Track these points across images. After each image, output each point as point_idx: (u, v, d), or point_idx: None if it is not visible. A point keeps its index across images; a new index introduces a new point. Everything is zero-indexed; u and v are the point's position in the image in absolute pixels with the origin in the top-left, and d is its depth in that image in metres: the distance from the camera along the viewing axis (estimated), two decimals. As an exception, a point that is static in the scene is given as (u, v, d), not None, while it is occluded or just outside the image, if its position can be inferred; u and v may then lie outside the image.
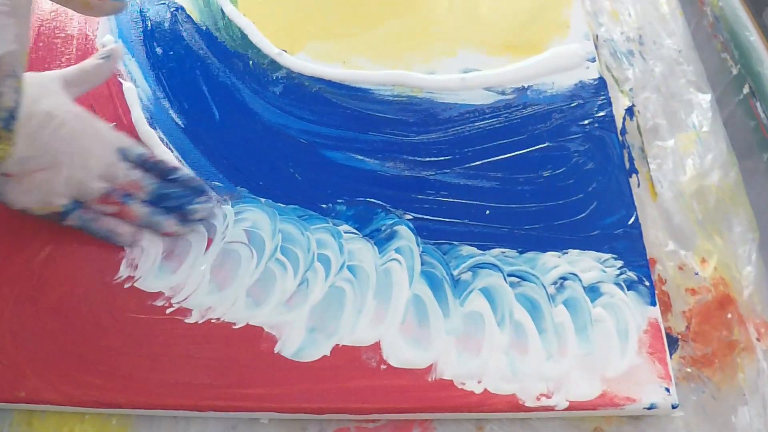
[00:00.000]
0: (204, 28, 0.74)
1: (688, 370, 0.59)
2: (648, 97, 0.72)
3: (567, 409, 0.55)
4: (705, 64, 0.75)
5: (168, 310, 0.58)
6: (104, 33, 0.73)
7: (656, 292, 0.61)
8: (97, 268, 0.60)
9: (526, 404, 0.55)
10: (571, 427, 0.57)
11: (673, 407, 0.56)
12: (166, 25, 0.74)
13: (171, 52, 0.72)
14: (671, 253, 0.64)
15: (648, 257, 0.63)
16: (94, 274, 0.60)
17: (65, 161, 0.54)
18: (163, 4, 0.75)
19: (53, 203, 0.55)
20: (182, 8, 0.76)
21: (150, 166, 0.60)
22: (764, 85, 0.68)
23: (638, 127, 0.70)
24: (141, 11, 0.75)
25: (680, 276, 0.63)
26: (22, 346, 0.57)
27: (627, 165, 0.67)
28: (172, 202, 0.60)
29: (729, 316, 0.61)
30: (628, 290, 0.60)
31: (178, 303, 0.59)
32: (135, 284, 0.60)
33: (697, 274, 0.63)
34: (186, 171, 0.63)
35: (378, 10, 0.77)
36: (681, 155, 0.69)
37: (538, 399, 0.55)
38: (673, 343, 0.59)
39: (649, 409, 0.56)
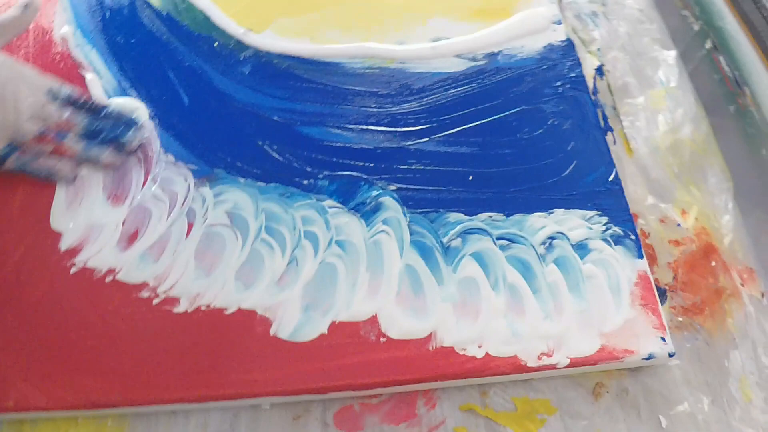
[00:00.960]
0: (164, 13, 0.72)
1: (680, 319, 0.59)
2: (616, 56, 0.72)
3: (568, 366, 0.55)
4: (666, 22, 0.75)
5: (155, 301, 0.56)
6: (61, 24, 0.70)
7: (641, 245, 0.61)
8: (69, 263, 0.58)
9: (528, 364, 0.55)
10: (573, 384, 0.57)
11: (670, 356, 0.56)
12: (126, 12, 0.71)
13: (133, 40, 0.69)
14: (652, 207, 0.64)
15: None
16: (73, 272, 0.57)
17: None
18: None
19: None
20: (138, -8, 0.72)
21: (80, 104, 0.60)
22: (726, 40, 0.68)
23: (609, 86, 0.70)
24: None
25: (663, 229, 0.63)
26: (6, 353, 0.54)
27: (602, 123, 0.66)
28: (106, 134, 0.60)
29: (713, 264, 0.61)
30: (615, 245, 0.60)
31: (164, 292, 0.56)
32: (117, 277, 0.57)
33: (679, 225, 0.63)
34: (116, 105, 0.63)
35: None
36: (652, 111, 0.69)
37: (539, 358, 0.55)
38: (661, 294, 0.60)
39: (647, 359, 0.56)
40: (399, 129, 0.65)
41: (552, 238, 0.60)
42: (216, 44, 0.69)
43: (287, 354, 0.54)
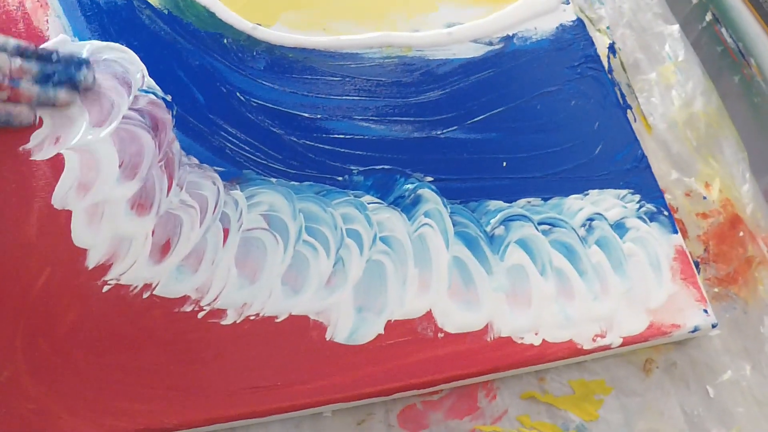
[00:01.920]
0: (165, 11, 0.67)
1: (716, 290, 0.60)
2: (623, 33, 0.72)
3: (621, 345, 0.55)
4: (665, -2, 0.75)
5: (200, 315, 0.53)
6: (56, 32, 0.65)
7: (672, 220, 0.61)
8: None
9: (584, 347, 0.55)
10: (624, 362, 0.58)
11: (713, 327, 0.57)
12: (123, 14, 0.66)
13: (135, 43, 0.64)
14: (676, 181, 0.64)
15: (658, 188, 0.63)
16: (106, 290, 0.54)
17: None
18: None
19: None
20: (135, -8, 0.68)
21: (29, 53, 0.59)
22: (728, 11, 0.69)
23: (622, 63, 0.70)
24: (93, 3, 0.67)
25: (689, 203, 0.64)
26: (47, 386, 0.50)
27: (620, 101, 0.66)
28: (59, 76, 0.59)
29: (741, 234, 0.62)
30: (651, 222, 0.61)
31: (209, 305, 0.53)
32: (154, 292, 0.53)
33: (705, 198, 0.63)
34: (64, 49, 0.61)
35: None
36: (665, 87, 0.69)
37: (593, 340, 0.55)
38: (695, 267, 0.60)
39: (693, 332, 0.56)
40: (426, 118, 0.63)
41: (591, 219, 0.60)
42: (226, 40, 0.65)
43: (346, 358, 0.53)
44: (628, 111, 0.67)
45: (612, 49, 0.70)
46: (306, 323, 0.53)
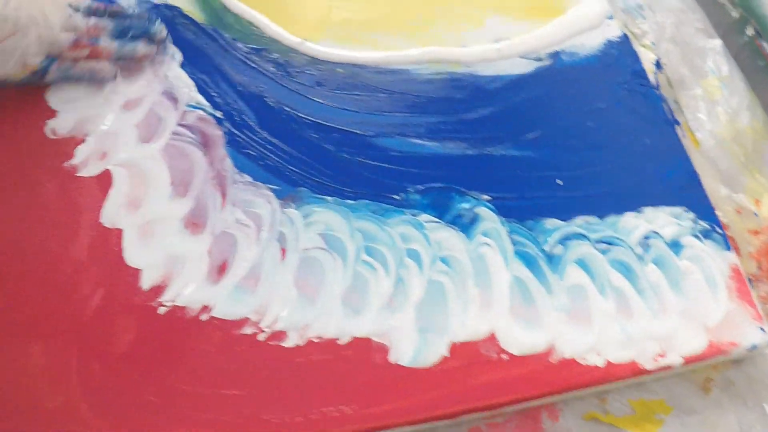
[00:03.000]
0: (210, 27, 0.65)
1: (770, 307, 0.59)
2: (667, 48, 0.71)
3: (682, 365, 0.54)
4: (706, 11, 0.75)
5: (260, 336, 0.51)
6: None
7: (725, 237, 0.61)
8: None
9: (647, 367, 0.54)
10: (684, 381, 0.57)
11: (770, 344, 0.55)
12: (168, 30, 0.64)
13: (181, 59, 0.62)
14: (726, 198, 0.64)
15: (708, 205, 0.62)
16: (162, 312, 0.52)
17: (28, 23, 0.53)
18: (156, 8, 0.65)
19: (30, 63, 0.55)
20: (179, 10, 0.66)
21: (101, 12, 0.60)
22: (770, 26, 0.69)
23: (668, 79, 0.69)
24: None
25: (740, 219, 0.63)
26: (102, 411, 0.48)
27: (669, 117, 0.66)
28: (135, 31, 0.60)
29: (791, 251, 0.61)
30: (705, 239, 0.60)
31: (269, 326, 0.52)
32: (213, 314, 0.51)
33: (756, 215, 0.63)
34: (132, 8, 0.63)
35: None
36: (710, 102, 0.69)
37: (655, 360, 0.54)
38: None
39: (750, 350, 0.56)
40: (479, 135, 0.62)
41: (647, 237, 0.59)
42: (273, 55, 0.63)
43: (412, 381, 0.51)
44: (676, 127, 0.66)
45: (658, 64, 0.70)
46: (368, 345, 0.52)
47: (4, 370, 0.50)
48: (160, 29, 0.62)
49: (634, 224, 0.59)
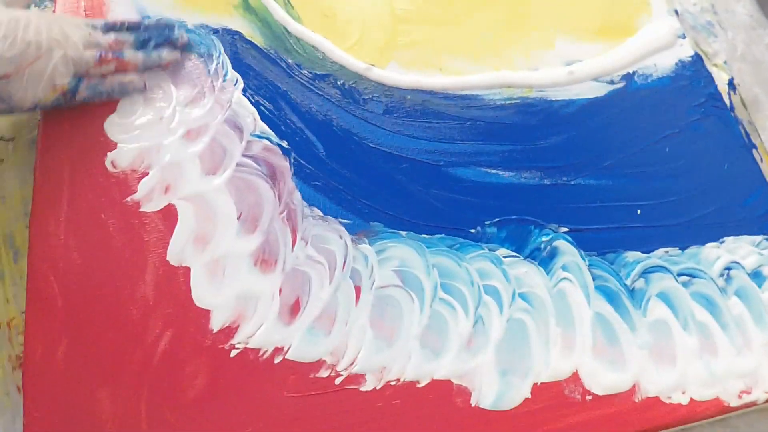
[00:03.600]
0: (272, 52, 0.63)
1: None
2: (740, 67, 0.68)
3: (767, 401, 0.53)
4: (776, 26, 0.72)
5: (337, 380, 0.50)
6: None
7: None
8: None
9: (731, 405, 0.52)
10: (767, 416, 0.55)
11: None
12: (228, 55, 0.62)
13: (245, 86, 0.60)
14: (806, 224, 0.61)
15: (788, 232, 0.60)
16: (234, 354, 0.50)
17: (52, 45, 0.54)
18: (216, 33, 0.63)
19: (59, 84, 0.55)
20: (240, 34, 0.63)
21: (119, 27, 0.60)
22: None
23: (742, 100, 0.66)
24: (190, 47, 0.62)
25: (821, 247, 0.60)
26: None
27: (745, 140, 0.63)
28: (156, 40, 0.60)
29: None
30: (787, 269, 0.57)
31: (346, 369, 0.50)
32: (287, 356, 0.49)
33: (836, 242, 0.60)
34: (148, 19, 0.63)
35: (463, 7, 0.68)
36: (785, 123, 0.66)
37: (739, 397, 0.53)
38: (830, 315, 0.57)
39: (837, 386, 0.53)
40: (555, 164, 0.60)
41: (728, 268, 0.57)
42: (339, 82, 0.61)
43: (494, 425, 0.50)
44: (753, 151, 0.63)
45: (731, 85, 0.67)
46: (449, 388, 0.50)
47: (73, 417, 0.48)
48: (180, 34, 0.61)
49: (715, 255, 0.57)
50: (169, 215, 0.54)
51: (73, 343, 0.50)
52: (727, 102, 0.65)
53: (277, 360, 0.50)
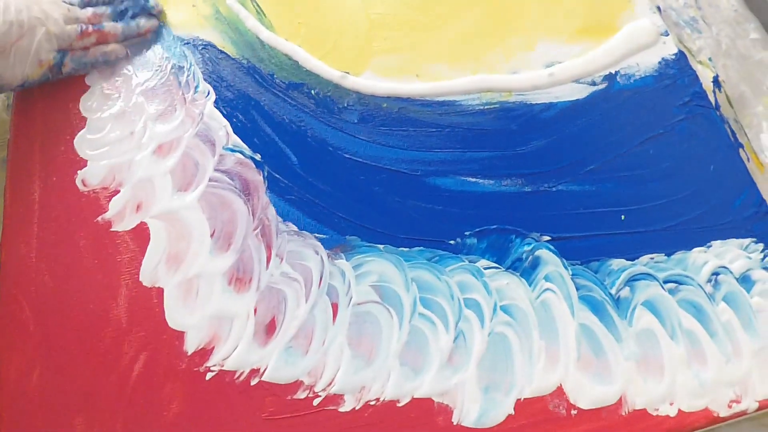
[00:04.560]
0: (244, 62, 0.61)
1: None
2: (725, 64, 0.66)
3: (757, 410, 0.51)
4: (762, 19, 0.69)
5: (315, 401, 0.48)
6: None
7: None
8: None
9: (721, 415, 0.50)
10: (758, 426, 0.53)
11: None
12: (200, 67, 0.60)
13: (217, 98, 0.58)
14: (795, 224, 0.59)
15: (778, 233, 0.58)
16: (210, 377, 0.49)
17: (34, 23, 0.55)
18: (187, 44, 0.61)
19: (44, 59, 0.57)
20: (212, 44, 0.61)
21: (95, 2, 0.62)
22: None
23: (727, 97, 0.64)
24: (164, 57, 0.61)
25: (813, 248, 0.58)
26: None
27: (731, 140, 0.61)
28: (132, 10, 0.62)
29: None
30: (777, 272, 0.55)
31: (324, 390, 0.48)
32: (263, 378, 0.48)
33: (829, 243, 0.58)
34: None
35: (441, 10, 0.66)
36: (772, 120, 0.64)
37: (729, 407, 0.50)
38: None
39: (830, 391, 0.51)
40: (536, 170, 0.57)
41: (716, 273, 0.55)
42: (313, 91, 0.59)
43: (477, 444, 0.47)
44: (740, 150, 0.61)
45: (716, 82, 0.65)
46: (430, 407, 0.48)
47: (48, 446, 0.46)
48: (155, 2, 0.63)
49: (702, 260, 0.55)
50: (141, 234, 0.53)
51: (46, 368, 0.49)
52: (713, 100, 0.63)
53: (253, 382, 0.48)
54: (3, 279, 0.51)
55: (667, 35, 0.64)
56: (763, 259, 0.56)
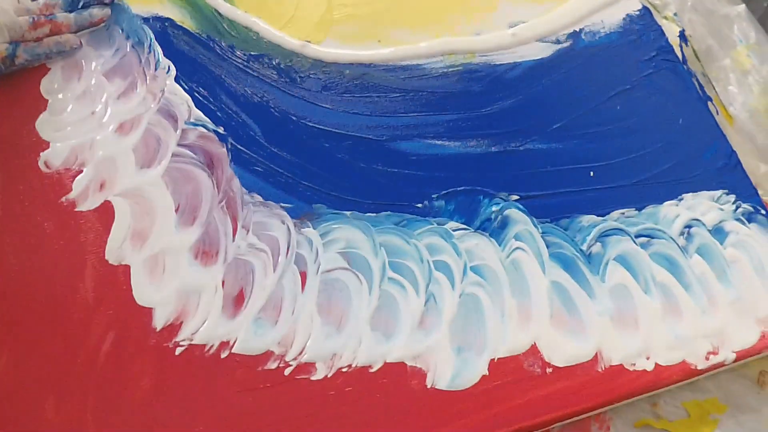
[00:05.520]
0: (204, 36, 0.59)
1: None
2: (691, 18, 0.65)
3: (735, 361, 0.50)
4: (727, -25, 0.68)
5: (286, 371, 0.47)
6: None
7: (767, 218, 0.55)
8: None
9: (699, 367, 0.49)
10: (737, 377, 0.52)
11: (826, 332, 0.50)
12: (159, 43, 0.58)
13: (176, 72, 0.57)
14: (767, 175, 0.57)
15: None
16: (179, 352, 0.47)
17: None
18: (147, 21, 0.59)
19: None
20: (170, 20, 0.60)
21: None
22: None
23: (694, 51, 0.63)
24: (124, 34, 0.59)
25: (785, 197, 0.57)
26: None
27: (699, 93, 0.60)
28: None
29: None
30: (749, 223, 0.55)
31: (294, 359, 0.47)
32: (233, 350, 0.46)
33: (801, 190, 0.57)
34: None
35: None
36: (740, 73, 0.63)
37: (707, 359, 0.49)
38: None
39: (806, 340, 0.50)
40: (502, 130, 0.56)
41: (689, 226, 0.54)
42: (274, 62, 0.57)
43: (451, 405, 0.46)
44: (708, 103, 0.60)
45: (683, 37, 0.63)
46: (403, 371, 0.47)
47: (19, 429, 0.45)
48: None
49: (674, 213, 0.54)
50: (105, 213, 0.51)
51: (13, 352, 0.47)
52: (679, 55, 0.62)
53: (223, 355, 0.47)
54: (-33, 263, 0.50)
55: (631, -9, 0.63)
56: (735, 210, 0.55)
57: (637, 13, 0.63)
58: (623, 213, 0.53)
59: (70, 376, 0.46)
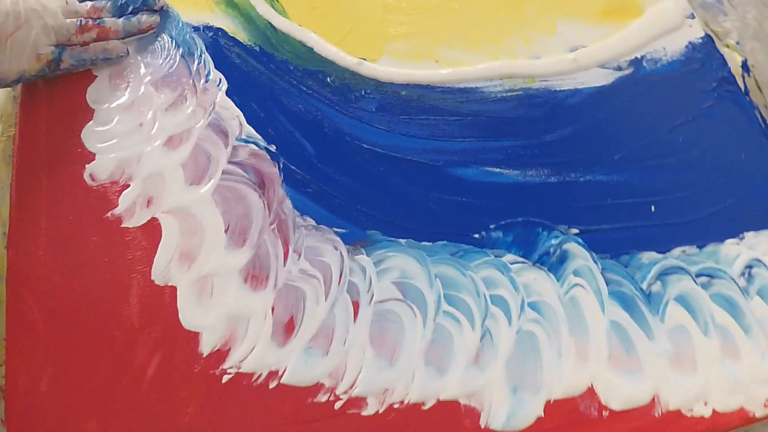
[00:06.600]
0: (257, 48, 0.57)
1: None
2: (753, 47, 0.62)
3: (793, 408, 0.47)
4: (788, 1, 0.66)
5: (337, 405, 0.44)
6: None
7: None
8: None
9: (756, 415, 0.47)
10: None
11: None
12: (210, 54, 0.56)
13: (227, 86, 0.54)
14: (828, 213, 0.55)
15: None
16: (226, 380, 0.45)
17: (30, 15, 0.51)
18: (197, 30, 0.57)
19: (42, 53, 0.52)
20: (222, 31, 0.57)
21: None
22: None
23: (756, 82, 0.60)
24: (173, 43, 0.56)
25: None
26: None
27: (762, 126, 0.57)
28: (133, 4, 0.58)
29: None
30: (811, 264, 0.51)
31: (345, 393, 0.44)
32: (282, 380, 0.44)
33: None
34: None
35: None
36: (804, 105, 0.60)
37: (765, 406, 0.47)
38: None
39: None
40: (562, 159, 0.54)
41: (749, 266, 0.51)
42: (329, 79, 0.55)
43: (506, 447, 0.43)
44: (770, 136, 0.57)
45: (745, 67, 0.61)
46: (457, 409, 0.45)
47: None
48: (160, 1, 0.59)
49: (735, 252, 0.52)
50: (152, 230, 0.49)
51: (56, 371, 0.45)
52: (742, 85, 0.59)
53: (272, 385, 0.45)
54: (10, 278, 0.48)
55: (693, 18, 0.60)
56: (797, 250, 0.52)
57: (700, 41, 0.60)
58: (684, 251, 0.51)
59: (113, 399, 0.44)
